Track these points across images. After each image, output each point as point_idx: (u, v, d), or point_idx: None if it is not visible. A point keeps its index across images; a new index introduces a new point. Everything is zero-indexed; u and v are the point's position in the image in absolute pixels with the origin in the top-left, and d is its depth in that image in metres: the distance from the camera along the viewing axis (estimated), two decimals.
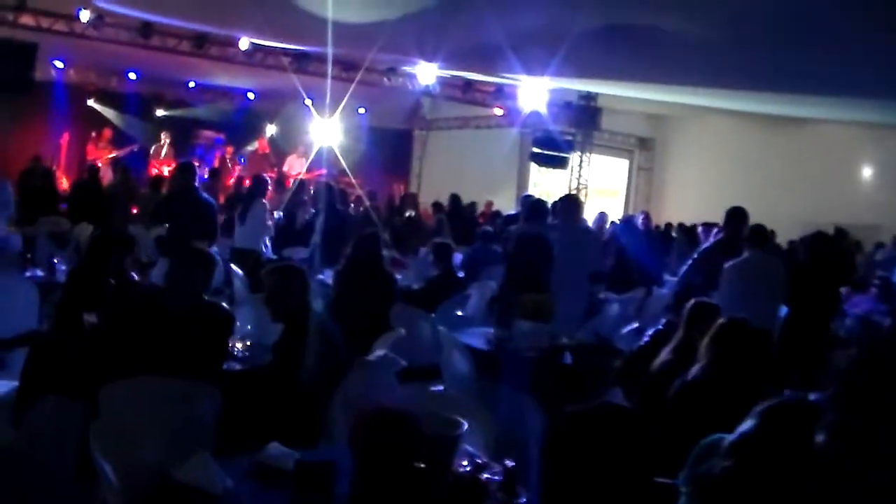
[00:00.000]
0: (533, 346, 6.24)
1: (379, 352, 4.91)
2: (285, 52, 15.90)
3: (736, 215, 8.16)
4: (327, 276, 8.83)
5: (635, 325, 8.08)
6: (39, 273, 7.92)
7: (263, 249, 10.69)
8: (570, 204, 9.23)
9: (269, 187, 11.52)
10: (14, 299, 6.69)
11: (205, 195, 9.28)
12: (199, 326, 4.63)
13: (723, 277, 7.58)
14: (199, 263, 4.85)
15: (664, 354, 4.97)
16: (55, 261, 8.00)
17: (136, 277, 5.94)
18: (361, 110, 22.10)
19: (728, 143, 21.47)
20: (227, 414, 3.90)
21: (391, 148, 23.13)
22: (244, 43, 15.22)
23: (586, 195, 19.80)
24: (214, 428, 3.82)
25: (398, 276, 8.61)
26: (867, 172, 18.95)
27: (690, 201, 20.97)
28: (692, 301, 5.26)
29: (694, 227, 14.44)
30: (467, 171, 20.72)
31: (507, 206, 21.08)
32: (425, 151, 24.34)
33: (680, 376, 4.47)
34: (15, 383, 4.74)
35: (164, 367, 4.19)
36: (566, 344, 6.54)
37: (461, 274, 9.55)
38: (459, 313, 8.18)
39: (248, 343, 5.27)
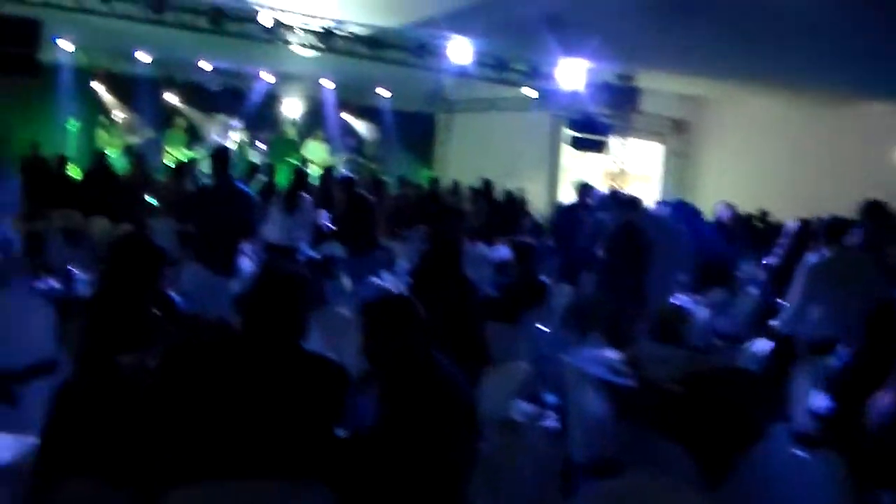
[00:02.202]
0: (670, 375, 4.95)
1: (521, 405, 3.70)
2: (308, 29, 14.68)
3: (876, 211, 6.99)
4: None
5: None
6: (54, 284, 6.66)
7: (302, 247, 9.54)
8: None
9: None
10: (24, 318, 5.54)
11: (241, 186, 8.08)
12: (301, 389, 3.28)
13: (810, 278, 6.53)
14: (292, 290, 3.41)
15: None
16: (72, 269, 6.73)
17: (177, 300, 4.70)
18: (385, 92, 21.00)
19: (768, 126, 20.20)
20: None
21: (413, 132, 22.03)
22: (266, 17, 13.99)
23: (625, 181, 18.61)
24: None
25: None
26: None
27: (728, 188, 19.79)
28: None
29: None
30: (494, 155, 19.61)
31: (538, 192, 20.07)
32: (449, 135, 23.13)
33: None
34: (30, 440, 3.57)
35: (252, 453, 2.99)
36: (718, 370, 5.23)
37: None
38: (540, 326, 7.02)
39: None
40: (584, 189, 11.58)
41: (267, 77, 19.91)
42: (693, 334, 7.39)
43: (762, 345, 7.21)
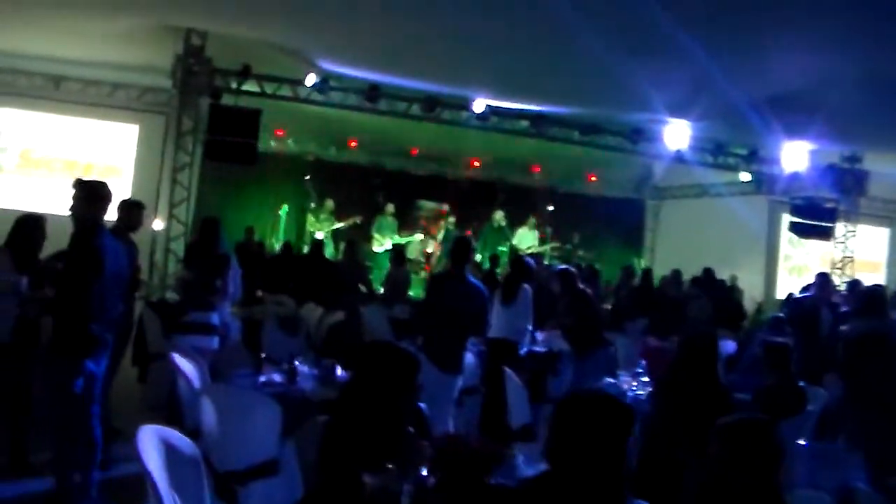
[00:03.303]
0: None
1: None
2: (521, 113, 14.39)
3: None
4: None
5: None
6: (276, 377, 6.29)
7: (524, 340, 8.98)
8: None
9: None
10: (248, 414, 5.20)
11: (472, 278, 7.58)
12: None
13: None
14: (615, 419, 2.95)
15: None
16: (296, 362, 6.37)
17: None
18: (593, 178, 20.53)
19: None
20: None
21: (622, 218, 21.29)
22: (479, 105, 13.78)
23: (852, 270, 17.30)
24: None
25: None
26: None
27: None
28: None
29: None
30: (706, 242, 18.60)
31: (753, 282, 18.99)
32: (658, 222, 22.33)
33: None
34: None
35: None
36: None
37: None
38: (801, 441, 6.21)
39: None
40: (824, 280, 10.64)
41: (475, 163, 19.79)
42: None
43: None
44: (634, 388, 7.12)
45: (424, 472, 3.35)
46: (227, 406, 5.19)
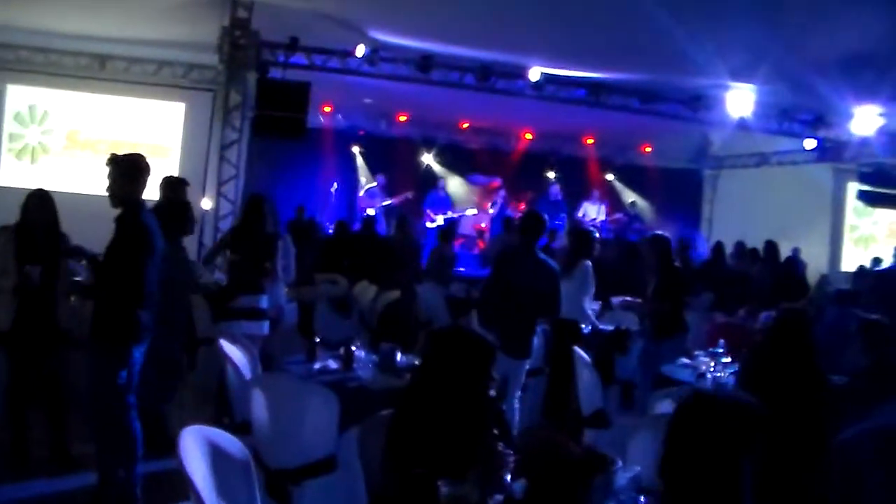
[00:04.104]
0: None
1: None
2: (578, 81, 13.90)
3: None
4: None
5: None
6: (332, 364, 5.87)
7: (587, 319, 8.52)
8: None
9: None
10: (303, 407, 4.81)
11: (542, 255, 7.07)
12: None
13: None
14: None
15: None
16: (355, 347, 5.97)
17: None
18: (647, 148, 19.95)
19: None
20: None
21: (678, 189, 20.69)
22: (535, 73, 13.29)
23: None
24: None
25: None
26: None
27: None
28: None
29: None
30: (766, 213, 17.97)
31: (818, 254, 18.32)
32: (716, 193, 21.68)
33: None
34: None
35: None
36: None
37: None
38: None
39: None
40: None
41: (527, 135, 19.35)
42: None
43: None
44: (714, 370, 6.65)
45: (508, 480, 2.96)
46: (279, 397, 4.81)
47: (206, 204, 13.50)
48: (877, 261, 15.31)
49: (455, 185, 18.94)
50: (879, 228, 19.43)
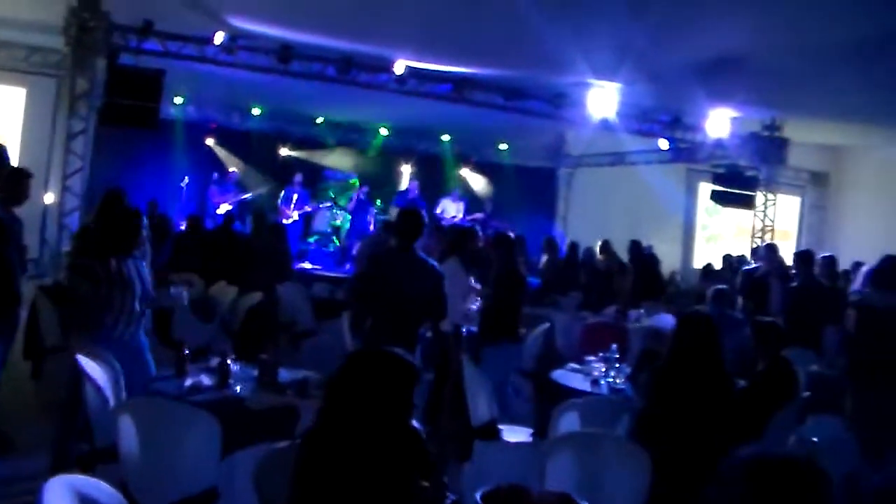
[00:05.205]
0: None
1: None
2: (444, 76, 13.60)
3: None
4: None
5: None
6: (205, 380, 5.22)
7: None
8: None
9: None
10: (179, 433, 4.31)
11: (425, 256, 6.57)
12: None
13: None
14: None
15: None
16: (228, 361, 5.36)
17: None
18: (503, 146, 19.88)
19: None
20: None
21: (534, 187, 20.76)
22: (399, 67, 12.92)
23: (772, 239, 17.03)
24: None
25: None
26: None
27: (870, 244, 18.13)
28: None
29: None
30: (620, 212, 18.18)
31: (671, 251, 18.64)
32: (571, 191, 21.81)
33: None
34: None
35: None
36: None
37: None
38: None
39: None
40: (772, 251, 10.25)
41: (383, 130, 19.04)
42: None
43: None
44: (609, 376, 6.43)
45: None
46: (150, 424, 4.28)
47: (50, 198, 12.61)
48: (740, 259, 15.64)
49: (311, 180, 18.41)
50: (727, 227, 20.04)
